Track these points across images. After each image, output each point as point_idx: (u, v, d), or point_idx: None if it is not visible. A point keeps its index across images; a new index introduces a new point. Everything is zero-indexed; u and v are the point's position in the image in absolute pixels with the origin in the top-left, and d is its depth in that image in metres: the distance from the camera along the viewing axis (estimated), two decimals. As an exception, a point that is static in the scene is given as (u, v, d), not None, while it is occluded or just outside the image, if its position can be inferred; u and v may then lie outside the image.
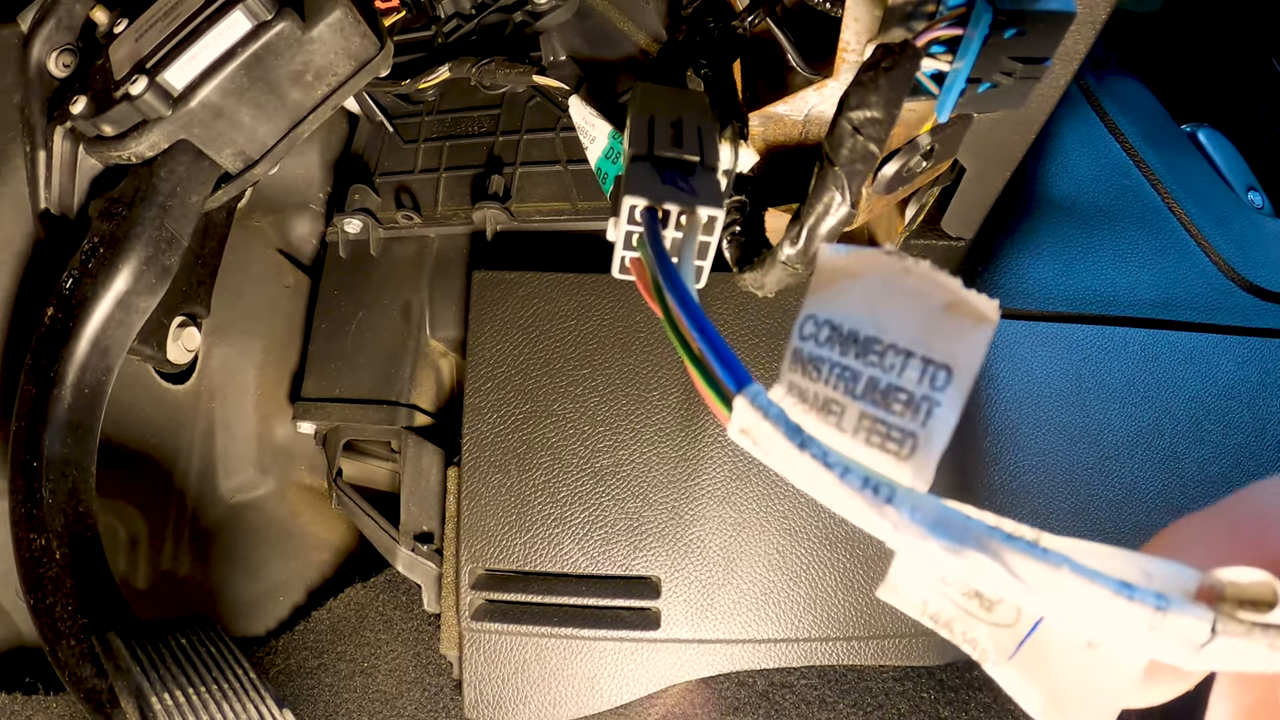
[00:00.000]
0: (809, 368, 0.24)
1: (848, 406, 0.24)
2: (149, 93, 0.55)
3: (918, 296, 0.23)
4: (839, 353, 0.24)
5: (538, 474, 0.66)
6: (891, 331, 0.23)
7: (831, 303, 0.24)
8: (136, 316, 0.59)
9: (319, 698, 0.76)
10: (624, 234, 0.42)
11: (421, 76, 0.73)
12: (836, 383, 0.24)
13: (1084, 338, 0.74)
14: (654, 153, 0.43)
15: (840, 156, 0.42)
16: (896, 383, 0.23)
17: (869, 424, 0.23)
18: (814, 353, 0.24)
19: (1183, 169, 0.84)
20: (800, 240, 0.43)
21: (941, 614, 0.24)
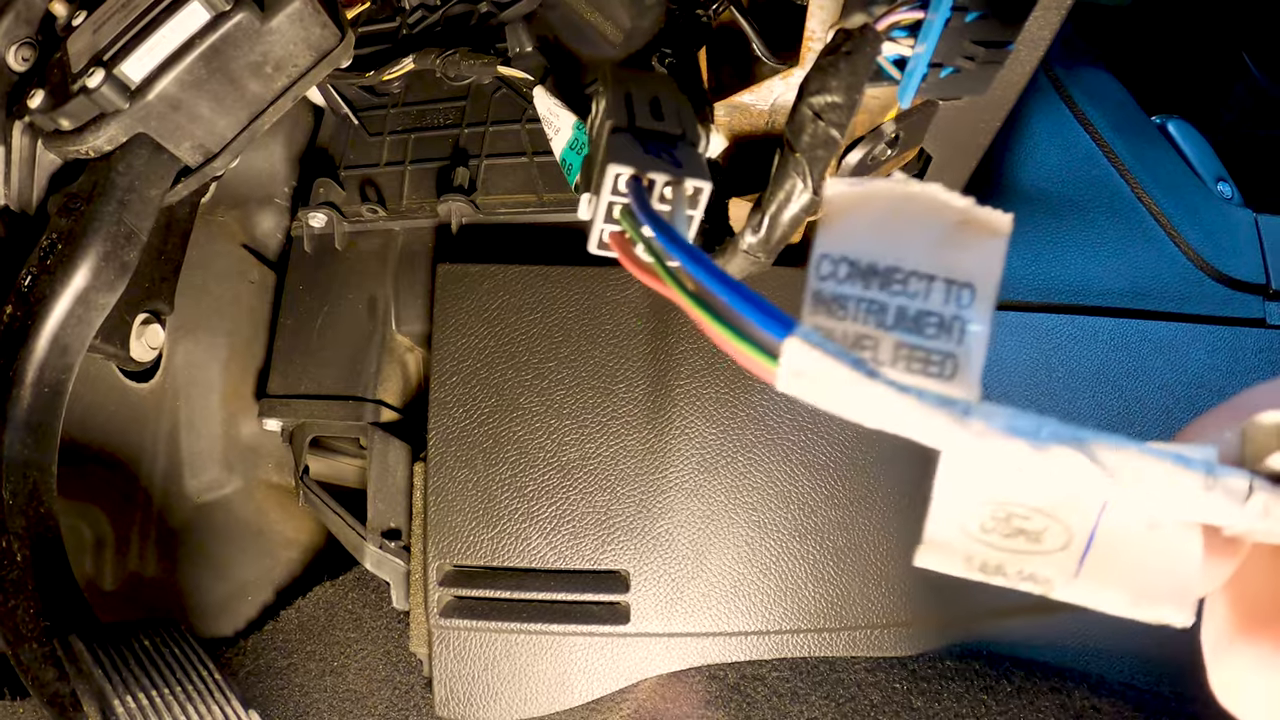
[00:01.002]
0: (833, 307, 0.24)
1: (881, 339, 0.23)
2: (106, 85, 0.55)
3: (928, 219, 0.23)
4: (862, 287, 0.24)
5: (504, 469, 0.66)
6: (909, 258, 0.23)
7: (844, 238, 0.24)
8: (96, 314, 0.58)
9: (289, 698, 0.75)
10: (604, 206, 0.41)
11: (386, 68, 0.72)
12: (865, 317, 0.23)
13: (1054, 327, 0.74)
14: (635, 124, 0.42)
15: (801, 142, 0.41)
16: (924, 308, 0.23)
17: (906, 352, 0.23)
18: (836, 291, 0.24)
19: (1152, 160, 0.84)
20: (762, 229, 0.43)
21: (990, 561, 0.23)
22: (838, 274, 0.24)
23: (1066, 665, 0.69)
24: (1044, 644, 0.70)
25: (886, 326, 0.23)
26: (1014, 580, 0.23)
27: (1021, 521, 0.23)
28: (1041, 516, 0.23)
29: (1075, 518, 0.22)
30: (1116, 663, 0.71)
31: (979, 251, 0.23)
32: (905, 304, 0.23)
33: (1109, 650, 0.70)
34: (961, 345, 0.23)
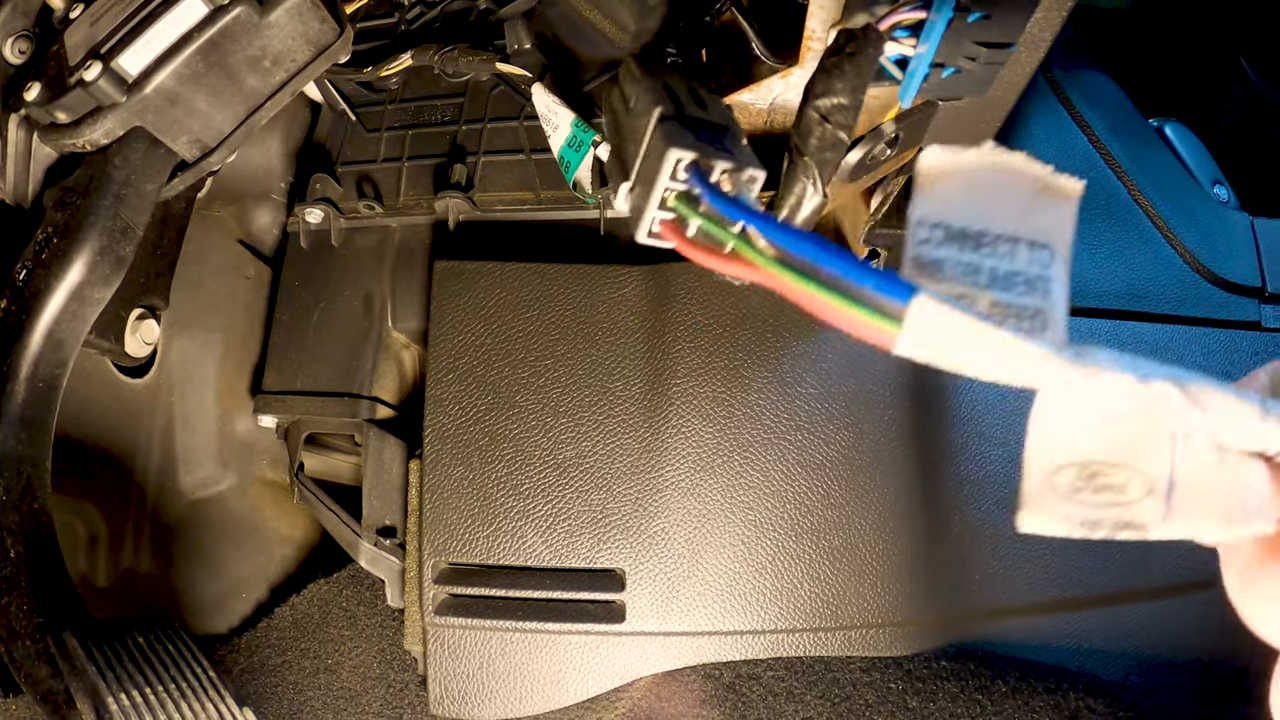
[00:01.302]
0: (932, 270, 0.25)
1: (978, 297, 0.25)
2: (103, 78, 0.54)
3: (1012, 186, 0.25)
4: (957, 251, 0.25)
5: (500, 466, 0.66)
6: (996, 223, 0.25)
7: (938, 205, 0.26)
8: (91, 308, 0.58)
9: (282, 695, 0.75)
10: (659, 194, 0.40)
11: (384, 64, 0.72)
12: (962, 279, 0.25)
13: (1049, 328, 0.74)
14: (684, 112, 0.41)
15: (809, 146, 0.41)
16: (1012, 268, 0.25)
17: (1000, 310, 0.25)
18: (934, 255, 0.25)
19: (1149, 162, 0.84)
20: None
21: (1087, 518, 0.25)
22: (934, 239, 0.25)
23: (1062, 665, 0.69)
24: (1039, 644, 0.70)
25: (981, 286, 0.25)
26: (1112, 531, 0.25)
27: (1106, 478, 0.24)
28: (1122, 470, 0.24)
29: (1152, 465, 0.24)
30: (1111, 663, 0.71)
31: (1055, 215, 0.25)
32: (996, 265, 0.25)
33: (1104, 651, 0.70)
34: (1048, 301, 0.25)
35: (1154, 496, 0.25)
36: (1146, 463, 0.24)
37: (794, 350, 0.66)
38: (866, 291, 0.24)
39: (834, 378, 0.66)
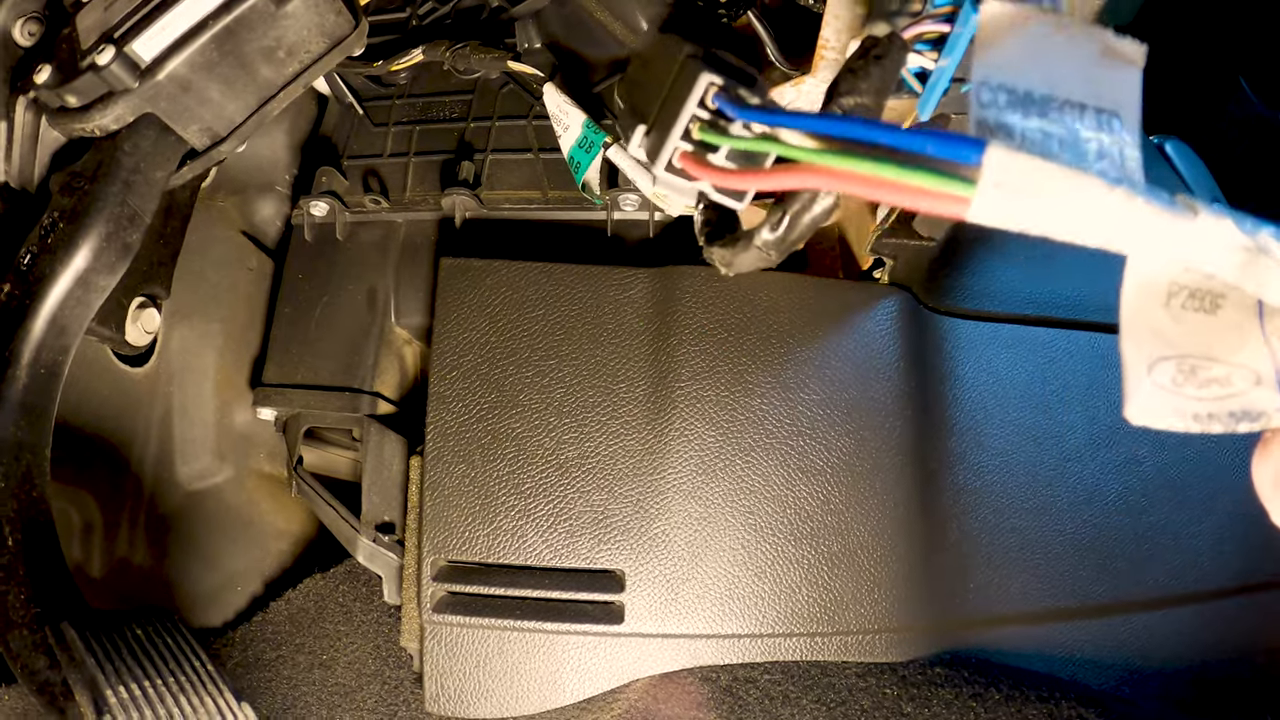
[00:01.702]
0: (1000, 134, 0.24)
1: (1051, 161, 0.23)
2: (115, 63, 0.54)
3: (1075, 48, 0.24)
4: (1023, 116, 0.24)
5: (502, 465, 0.66)
6: (1062, 87, 0.24)
7: (1000, 66, 0.24)
8: (96, 295, 0.57)
9: (277, 690, 0.75)
10: (685, 122, 0.40)
11: (394, 59, 0.72)
12: (1033, 144, 0.24)
13: (1049, 341, 0.74)
14: (712, 54, 0.41)
15: None
16: (1082, 133, 0.24)
17: None
18: (1000, 119, 0.24)
19: (1150, 179, 0.85)
20: (780, 227, 0.43)
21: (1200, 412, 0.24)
22: (998, 102, 0.24)
23: (1055, 674, 0.70)
24: (1033, 653, 0.70)
25: (1054, 154, 0.23)
26: (1230, 424, 0.24)
27: (1207, 373, 0.24)
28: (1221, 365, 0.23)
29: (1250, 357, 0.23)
30: (1104, 673, 0.71)
31: (1121, 80, 0.24)
32: (1064, 132, 0.24)
33: (1097, 661, 0.71)
34: (1124, 167, 0.24)
35: (1264, 384, 0.24)
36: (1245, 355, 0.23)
37: (797, 356, 0.67)
38: (931, 156, 0.23)
39: (836, 385, 0.67)
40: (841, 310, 0.68)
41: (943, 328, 0.72)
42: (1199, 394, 0.24)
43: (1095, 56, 0.24)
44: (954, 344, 0.72)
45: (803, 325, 0.67)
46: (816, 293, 0.68)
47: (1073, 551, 0.71)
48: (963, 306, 0.73)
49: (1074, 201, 0.22)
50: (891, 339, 0.68)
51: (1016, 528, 0.71)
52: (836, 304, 0.68)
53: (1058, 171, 0.22)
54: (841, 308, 0.68)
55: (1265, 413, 0.24)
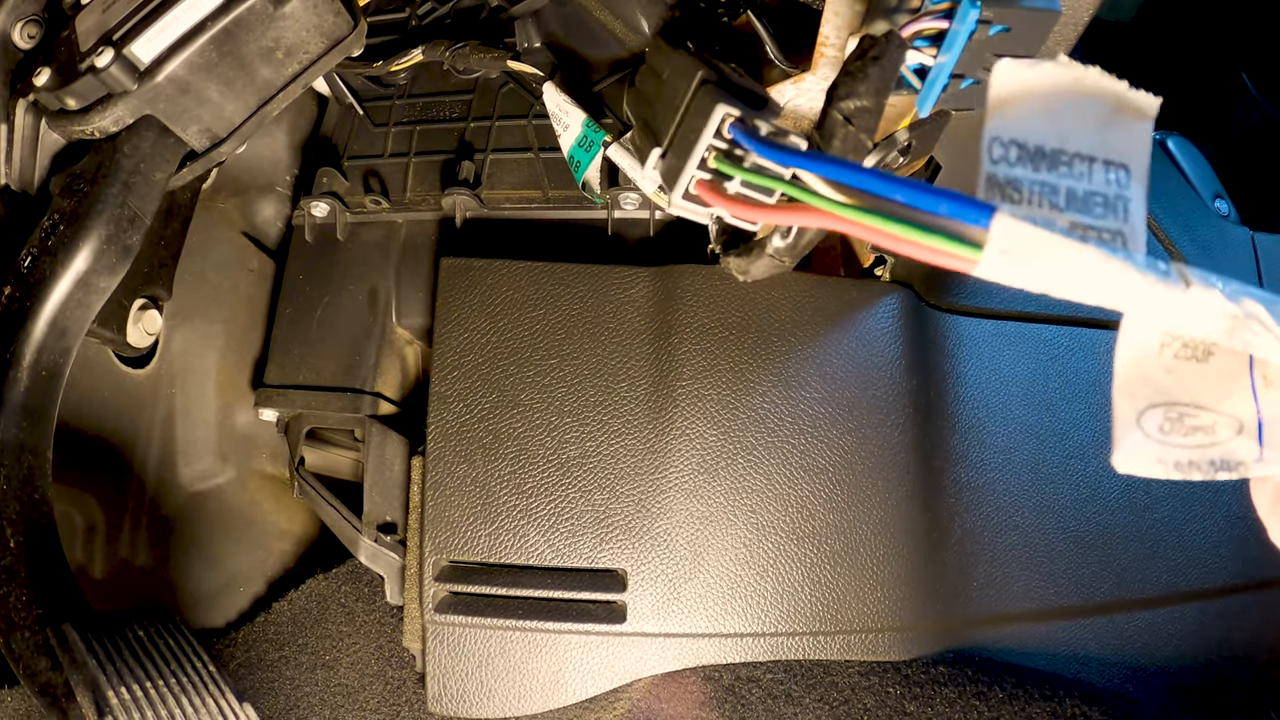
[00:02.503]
0: (1008, 190, 0.25)
1: (1057, 218, 0.25)
2: (114, 65, 0.54)
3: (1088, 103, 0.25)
4: (1033, 170, 0.25)
5: (504, 464, 0.66)
6: (1073, 141, 0.25)
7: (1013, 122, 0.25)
8: (96, 297, 0.57)
9: (279, 691, 0.75)
10: (701, 152, 0.41)
11: (394, 59, 0.72)
12: (1040, 199, 0.25)
13: (1052, 338, 0.74)
14: (726, 79, 0.42)
15: (833, 148, 0.42)
16: (1090, 188, 0.25)
17: (1080, 230, 0.24)
18: (1009, 174, 0.25)
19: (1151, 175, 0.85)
20: (791, 235, 0.43)
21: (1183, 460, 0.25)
22: (1009, 157, 0.25)
23: (1058, 673, 0.70)
24: (1036, 651, 0.70)
25: (1060, 207, 0.25)
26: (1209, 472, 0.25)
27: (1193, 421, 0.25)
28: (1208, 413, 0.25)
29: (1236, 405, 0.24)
30: (1107, 671, 0.71)
31: (1131, 133, 0.25)
32: (1074, 185, 0.25)
33: (1100, 659, 0.71)
34: (1128, 223, 0.25)
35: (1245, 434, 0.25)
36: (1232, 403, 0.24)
37: (799, 354, 0.66)
38: (942, 218, 0.24)
39: (838, 382, 0.67)
40: (843, 308, 0.68)
41: (945, 325, 0.71)
42: (1183, 442, 0.25)
43: (1108, 110, 0.25)
44: (956, 341, 0.71)
45: (804, 323, 0.67)
46: (818, 290, 0.68)
47: (1076, 549, 0.71)
48: (965, 303, 0.73)
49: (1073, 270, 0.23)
50: (893, 336, 0.68)
51: (1019, 525, 0.70)
52: (838, 301, 0.68)
53: (1059, 242, 0.23)
54: (843, 305, 0.68)
55: (1243, 462, 0.25)
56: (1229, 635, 0.74)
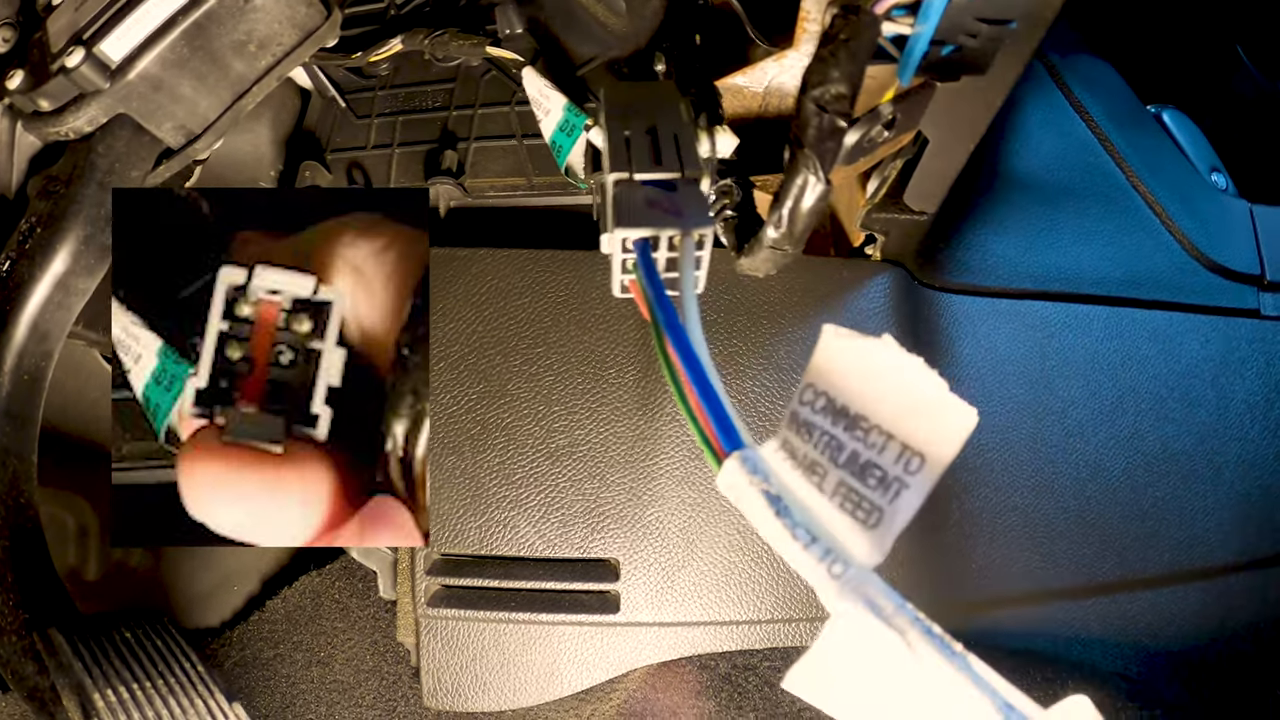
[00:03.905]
0: (803, 430, 0.27)
1: (830, 472, 0.27)
2: (85, 64, 0.53)
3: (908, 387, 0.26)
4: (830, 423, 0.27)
5: (492, 455, 0.65)
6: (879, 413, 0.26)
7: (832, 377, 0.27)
8: (76, 299, 0.57)
9: (275, 689, 0.75)
10: (619, 261, 0.42)
11: (374, 49, 0.71)
12: (824, 449, 0.27)
13: (1048, 315, 0.73)
14: (634, 175, 0.42)
15: (808, 137, 0.41)
16: (875, 460, 0.26)
17: (845, 491, 0.26)
18: (809, 418, 0.27)
19: (1148, 149, 0.84)
20: (783, 224, 0.43)
21: None
22: (815, 404, 0.27)
23: (1059, 655, 0.69)
24: (1037, 633, 0.69)
25: (838, 464, 0.26)
26: None
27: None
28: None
29: None
30: (1110, 653, 0.70)
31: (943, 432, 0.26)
32: (860, 450, 0.26)
33: (1102, 640, 0.70)
34: (892, 505, 0.26)
35: None
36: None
37: (789, 336, 0.66)
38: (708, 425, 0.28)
39: (830, 365, 0.66)
40: (834, 288, 0.67)
41: (938, 303, 0.70)
42: None
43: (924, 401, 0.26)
44: (950, 320, 0.70)
45: (794, 305, 0.66)
46: (808, 271, 0.67)
47: (1076, 529, 0.70)
48: (958, 281, 0.72)
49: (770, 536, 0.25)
50: (885, 316, 0.67)
51: (1019, 506, 0.69)
52: (828, 282, 0.67)
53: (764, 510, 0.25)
54: (833, 286, 0.67)
55: None
56: (1232, 614, 0.73)
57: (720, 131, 0.51)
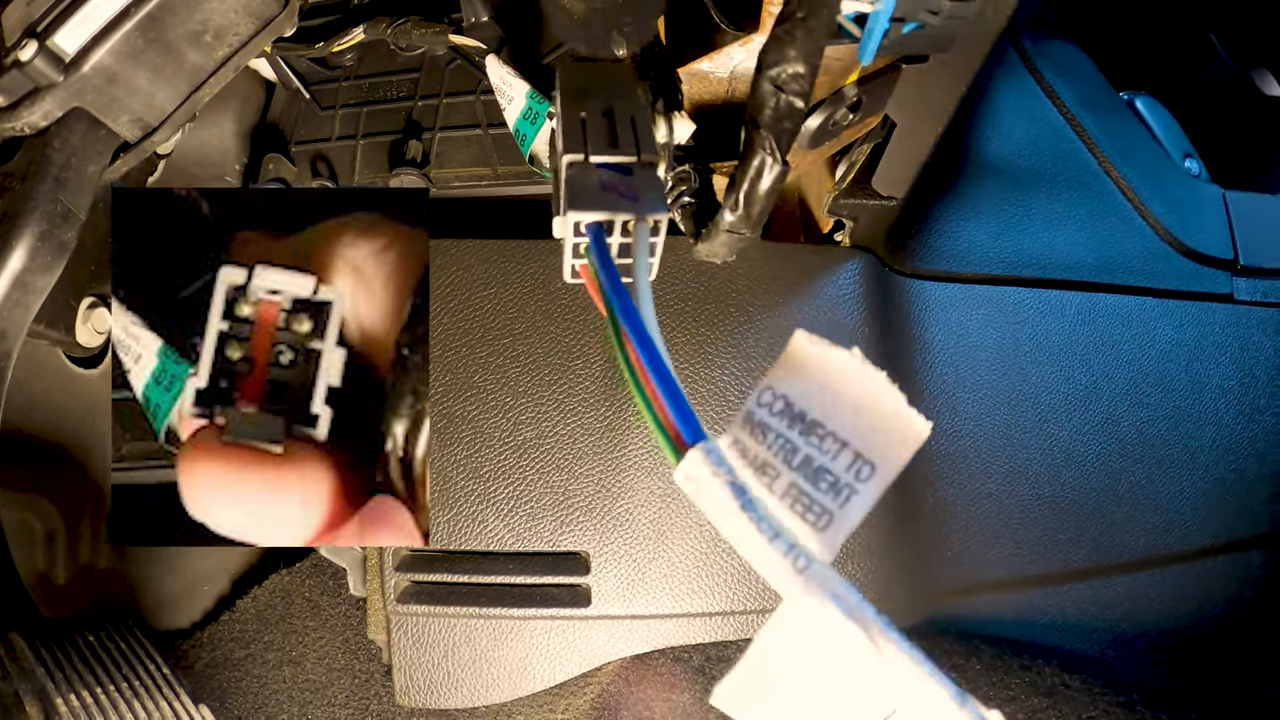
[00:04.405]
0: (756, 431, 0.28)
1: (781, 473, 0.27)
2: (39, 58, 0.52)
3: (867, 397, 0.27)
4: (786, 425, 0.27)
5: (459, 449, 0.64)
6: (835, 421, 0.27)
7: (791, 382, 0.27)
8: (34, 296, 0.56)
9: (247, 689, 0.74)
10: (571, 245, 0.42)
11: (336, 39, 0.70)
12: (777, 451, 0.27)
13: (1021, 300, 0.73)
14: (589, 158, 0.42)
15: (765, 118, 0.40)
16: (828, 465, 0.26)
17: (795, 493, 0.27)
18: (764, 420, 0.27)
19: (1120, 134, 0.84)
20: (739, 206, 0.43)
21: None
22: (772, 407, 0.28)
23: (1037, 641, 0.68)
24: (1014, 620, 0.69)
25: (790, 466, 0.27)
26: None
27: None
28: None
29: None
30: (1087, 638, 0.70)
31: (896, 442, 0.26)
32: (813, 455, 0.27)
33: (1079, 625, 0.70)
34: (842, 510, 0.26)
35: None
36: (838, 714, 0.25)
37: (758, 324, 0.65)
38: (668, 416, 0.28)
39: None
40: (802, 275, 0.66)
41: (910, 290, 0.70)
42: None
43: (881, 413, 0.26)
44: (921, 307, 0.70)
45: (763, 292, 0.66)
46: (775, 258, 0.66)
47: (1051, 515, 0.70)
48: (929, 268, 0.72)
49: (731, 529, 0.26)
50: (855, 303, 0.67)
51: (992, 493, 0.69)
52: (797, 269, 0.66)
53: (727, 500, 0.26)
54: (802, 273, 0.66)
55: None
56: (1208, 598, 0.73)
57: (678, 117, 0.50)
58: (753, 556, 0.25)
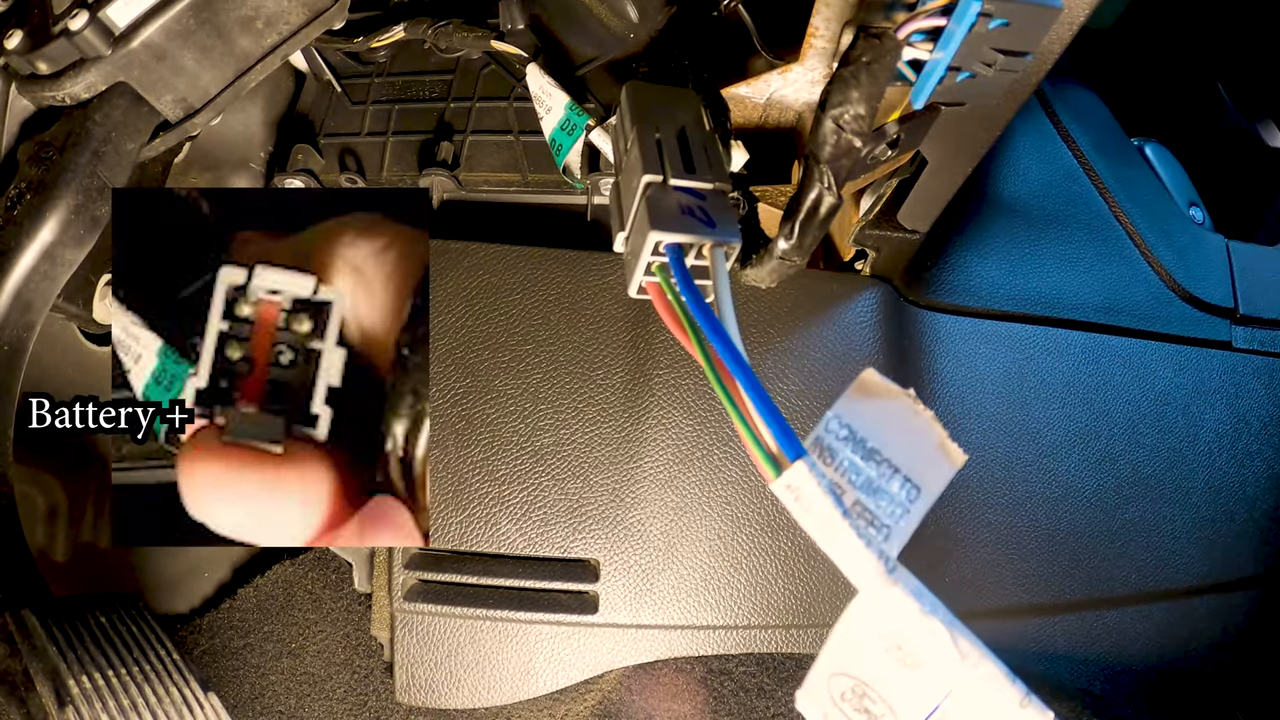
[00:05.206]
0: (825, 454, 0.31)
1: (848, 491, 0.31)
2: (89, 29, 0.52)
3: (918, 431, 0.31)
4: (851, 451, 0.31)
5: (476, 451, 0.65)
6: (891, 449, 0.31)
7: (856, 413, 0.31)
8: (63, 270, 0.55)
9: (244, 679, 0.74)
10: (644, 264, 0.43)
11: (375, 35, 0.70)
12: (844, 472, 0.31)
13: (1027, 337, 0.74)
14: (669, 180, 0.43)
15: (824, 154, 0.42)
16: (885, 487, 0.31)
17: (860, 509, 0.31)
18: (832, 444, 0.31)
19: (1130, 180, 0.86)
20: (794, 235, 0.44)
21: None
22: (839, 434, 0.31)
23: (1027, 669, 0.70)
24: (1006, 649, 0.70)
25: (855, 486, 0.31)
26: None
27: (870, 702, 0.30)
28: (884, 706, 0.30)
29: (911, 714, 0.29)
30: (1077, 669, 0.71)
31: (938, 470, 0.32)
32: (873, 477, 0.31)
33: (1070, 656, 0.71)
34: (898, 525, 0.31)
35: None
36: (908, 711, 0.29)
37: (776, 345, 0.66)
38: (765, 433, 0.31)
39: (815, 375, 0.66)
40: (821, 300, 0.67)
41: (923, 321, 0.71)
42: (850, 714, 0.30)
43: (930, 444, 0.31)
44: (933, 337, 0.71)
45: (782, 315, 0.67)
46: (797, 283, 0.67)
47: (1047, 547, 0.71)
48: (942, 300, 0.73)
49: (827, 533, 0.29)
50: (871, 331, 0.68)
51: (992, 522, 0.71)
52: (817, 294, 0.67)
53: (829, 508, 0.29)
54: (821, 298, 0.67)
55: None
56: (1195, 635, 0.74)
57: (735, 146, 0.51)
58: (846, 556, 0.29)
